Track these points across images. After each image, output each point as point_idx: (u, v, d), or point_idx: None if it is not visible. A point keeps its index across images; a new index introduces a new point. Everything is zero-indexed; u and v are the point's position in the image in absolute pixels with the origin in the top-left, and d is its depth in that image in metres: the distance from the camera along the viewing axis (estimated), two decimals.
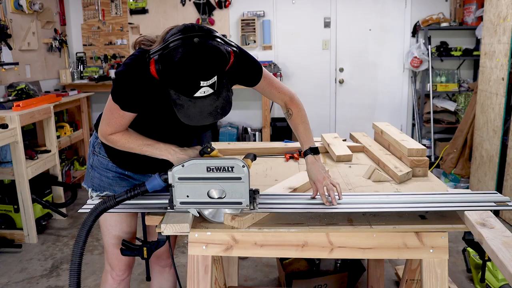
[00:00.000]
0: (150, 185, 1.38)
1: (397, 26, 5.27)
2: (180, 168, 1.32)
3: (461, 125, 4.32)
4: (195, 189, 1.34)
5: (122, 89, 1.39)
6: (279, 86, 1.63)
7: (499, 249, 1.19)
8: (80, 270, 1.34)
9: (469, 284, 2.71)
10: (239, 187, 1.33)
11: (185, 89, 1.24)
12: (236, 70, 1.45)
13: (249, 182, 1.33)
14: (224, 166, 1.31)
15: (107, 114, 1.44)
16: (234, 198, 1.34)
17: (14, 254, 3.20)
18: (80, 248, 1.34)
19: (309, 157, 1.56)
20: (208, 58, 1.21)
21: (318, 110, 5.48)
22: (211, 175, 1.32)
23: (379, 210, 1.43)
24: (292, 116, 1.63)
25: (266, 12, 5.29)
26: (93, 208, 1.37)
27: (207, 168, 1.32)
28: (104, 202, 1.37)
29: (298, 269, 2.61)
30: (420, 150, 1.93)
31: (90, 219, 1.36)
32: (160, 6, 5.28)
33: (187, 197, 1.35)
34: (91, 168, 1.69)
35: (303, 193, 1.65)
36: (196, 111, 1.27)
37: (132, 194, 1.38)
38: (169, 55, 1.23)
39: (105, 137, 1.48)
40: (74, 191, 3.84)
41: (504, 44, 3.48)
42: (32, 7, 4.30)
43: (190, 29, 1.26)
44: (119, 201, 1.38)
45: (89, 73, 5.31)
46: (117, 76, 1.41)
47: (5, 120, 3.18)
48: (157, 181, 1.37)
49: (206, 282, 1.42)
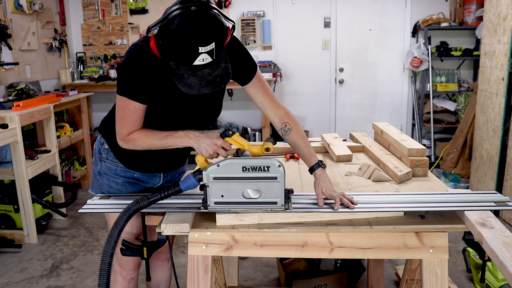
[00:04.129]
0: (184, 185, 1.37)
1: (397, 26, 5.27)
2: (215, 167, 1.31)
3: (461, 125, 4.32)
4: (230, 189, 1.33)
5: (127, 79, 1.39)
6: (273, 95, 1.60)
7: (499, 249, 1.19)
8: (110, 270, 1.32)
9: (469, 284, 2.71)
10: (275, 186, 1.32)
11: (184, 57, 1.24)
12: (232, 56, 1.45)
13: (285, 181, 1.32)
14: (260, 165, 1.31)
15: (119, 114, 1.44)
16: (269, 198, 1.34)
17: (14, 254, 3.20)
18: (111, 248, 1.32)
19: (320, 170, 1.53)
20: (206, 23, 1.22)
21: (318, 110, 5.48)
22: (247, 175, 1.32)
23: (380, 211, 1.43)
24: (291, 132, 1.57)
25: (266, 12, 5.29)
26: (126, 208, 1.35)
27: (242, 168, 1.31)
28: (137, 202, 1.35)
29: (298, 269, 2.61)
30: (420, 150, 1.93)
31: (123, 219, 1.34)
32: (160, 6, 5.28)
33: (221, 197, 1.34)
34: (99, 175, 1.68)
35: (302, 193, 1.65)
36: (195, 79, 1.27)
37: (166, 194, 1.36)
38: (167, 25, 1.24)
39: (124, 139, 1.47)
40: (74, 191, 3.84)
41: (504, 44, 3.48)
42: (32, 7, 4.30)
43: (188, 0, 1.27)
44: (153, 201, 1.36)
45: (89, 73, 5.31)
46: (119, 68, 1.41)
47: (5, 120, 3.18)
48: (192, 181, 1.36)
49: (206, 282, 1.42)
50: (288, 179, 1.87)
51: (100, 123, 1.72)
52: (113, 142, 1.62)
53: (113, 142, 1.62)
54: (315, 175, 1.53)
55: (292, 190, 1.39)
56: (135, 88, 1.39)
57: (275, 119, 1.60)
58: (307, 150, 1.57)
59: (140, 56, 1.37)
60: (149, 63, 1.37)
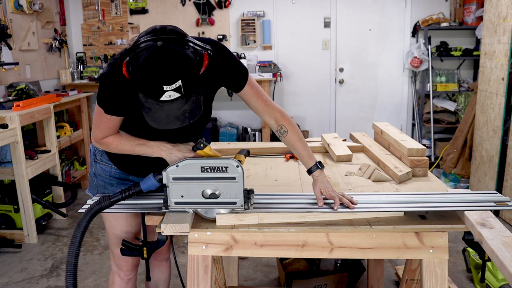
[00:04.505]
0: (144, 185, 1.38)
1: (397, 26, 5.27)
2: (174, 168, 1.32)
3: (461, 125, 4.32)
4: (189, 189, 1.34)
5: (104, 93, 1.40)
6: (267, 99, 1.58)
7: (499, 249, 1.19)
8: (76, 270, 1.33)
9: (469, 284, 2.71)
10: (234, 187, 1.33)
11: (151, 93, 1.21)
12: (217, 72, 1.44)
13: (244, 182, 1.33)
14: (219, 166, 1.31)
15: (96, 118, 1.46)
16: (228, 198, 1.35)
17: (14, 254, 3.20)
18: (76, 249, 1.32)
19: (318, 171, 1.53)
20: (170, 62, 1.19)
21: (318, 110, 5.48)
22: (206, 175, 1.32)
23: (380, 211, 1.43)
24: (288, 134, 1.57)
25: (266, 12, 5.29)
26: (88, 209, 1.37)
27: (201, 168, 1.32)
28: (98, 203, 1.36)
29: (298, 269, 2.61)
30: (420, 150, 1.93)
31: (85, 220, 1.35)
32: (160, 6, 5.28)
33: (181, 197, 1.35)
34: (94, 177, 1.69)
35: (302, 194, 1.65)
36: (163, 114, 1.25)
37: (127, 194, 1.38)
38: (135, 58, 1.22)
39: (98, 141, 1.49)
40: (74, 191, 3.84)
41: (504, 44, 3.48)
42: (32, 7, 4.30)
43: (161, 31, 1.25)
44: (114, 201, 1.37)
45: (89, 73, 5.31)
46: (100, 77, 1.41)
47: (5, 120, 3.18)
48: (152, 181, 1.37)
49: (206, 282, 1.42)
50: (288, 179, 1.87)
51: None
52: None
53: None
54: (313, 176, 1.54)
55: (252, 190, 1.39)
56: (110, 103, 1.40)
57: (271, 122, 1.59)
58: (305, 151, 1.57)
59: (118, 74, 1.33)
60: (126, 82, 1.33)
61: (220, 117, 5.49)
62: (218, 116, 5.46)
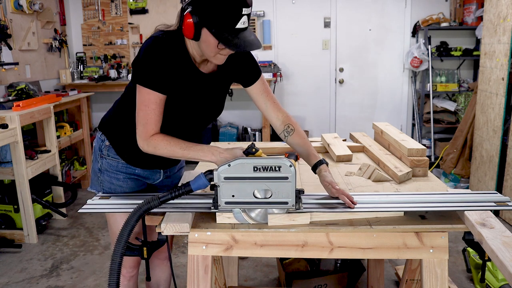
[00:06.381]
0: (195, 185, 1.36)
1: (397, 26, 5.27)
2: (226, 167, 1.31)
3: (461, 125, 4.32)
4: (241, 188, 1.32)
5: (150, 69, 1.42)
6: (275, 98, 1.66)
7: (499, 249, 1.19)
8: (120, 270, 1.31)
9: (469, 284, 2.71)
10: (286, 186, 1.32)
11: (228, 21, 1.31)
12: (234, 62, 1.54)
13: (296, 181, 1.32)
14: (271, 165, 1.30)
15: (142, 112, 1.44)
16: (280, 198, 1.33)
17: (14, 254, 3.20)
18: (122, 248, 1.31)
19: (324, 166, 1.55)
20: None
21: (318, 110, 5.48)
22: (258, 175, 1.31)
23: (380, 211, 1.43)
24: (294, 132, 1.62)
25: (266, 12, 5.29)
26: (137, 208, 1.34)
27: (254, 168, 1.30)
28: (148, 202, 1.34)
29: (298, 269, 2.61)
30: (420, 150, 1.93)
31: (133, 219, 1.33)
32: (160, 6, 5.28)
33: (232, 197, 1.33)
34: (99, 172, 1.69)
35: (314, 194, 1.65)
36: (239, 41, 1.34)
37: (176, 193, 1.36)
38: None
39: (147, 140, 1.46)
40: (74, 191, 3.84)
41: (504, 44, 3.48)
42: (32, 7, 4.30)
43: None
44: (163, 201, 1.35)
45: (89, 73, 5.31)
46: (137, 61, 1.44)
47: (5, 120, 3.18)
48: (202, 180, 1.35)
49: (206, 282, 1.42)
50: None
51: (101, 121, 1.73)
52: (114, 139, 1.65)
53: (114, 139, 1.65)
54: (321, 170, 1.55)
55: (303, 190, 1.40)
56: (158, 78, 1.42)
57: (277, 122, 1.65)
58: (310, 150, 1.61)
59: (160, 47, 1.42)
60: (167, 54, 1.42)
61: (220, 117, 5.48)
62: (218, 116, 5.46)
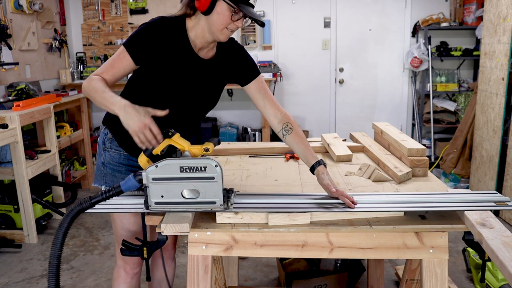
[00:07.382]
0: (125, 186, 1.37)
1: (397, 26, 5.27)
2: (153, 168, 1.33)
3: (461, 125, 4.32)
4: (169, 189, 1.34)
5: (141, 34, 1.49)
6: (273, 97, 1.68)
7: (499, 249, 1.19)
8: (58, 272, 1.34)
9: (469, 284, 2.71)
10: (213, 186, 1.33)
11: None
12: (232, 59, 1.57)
13: (223, 181, 1.33)
14: (197, 166, 1.32)
15: (107, 62, 1.52)
16: (208, 198, 1.35)
17: (14, 254, 3.20)
18: (58, 250, 1.32)
19: (321, 167, 1.55)
20: None
21: (318, 110, 5.48)
22: (184, 175, 1.32)
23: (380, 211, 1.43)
24: (293, 131, 1.63)
25: (266, 12, 5.29)
26: (70, 210, 1.36)
27: (180, 168, 1.32)
28: (80, 204, 1.36)
29: (298, 269, 2.61)
30: (420, 150, 1.93)
31: (66, 221, 1.34)
32: (160, 6, 5.28)
33: (161, 197, 1.35)
34: (102, 166, 1.72)
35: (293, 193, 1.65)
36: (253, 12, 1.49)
37: (108, 195, 1.37)
38: None
39: (90, 77, 1.51)
40: (74, 191, 3.84)
41: (504, 44, 3.48)
42: (32, 7, 4.30)
43: None
44: (95, 202, 1.36)
45: (89, 73, 5.28)
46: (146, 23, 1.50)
47: (5, 120, 3.18)
48: (132, 181, 1.37)
49: (206, 282, 1.42)
50: (288, 179, 1.87)
51: (104, 116, 1.75)
52: (116, 131, 1.68)
53: (116, 130, 1.67)
54: (319, 171, 1.54)
55: (232, 189, 1.40)
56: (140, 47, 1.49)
57: (275, 120, 1.66)
58: (308, 150, 1.60)
59: (162, 25, 1.48)
60: (167, 32, 1.48)
61: (220, 117, 5.49)
62: (218, 116, 5.46)
